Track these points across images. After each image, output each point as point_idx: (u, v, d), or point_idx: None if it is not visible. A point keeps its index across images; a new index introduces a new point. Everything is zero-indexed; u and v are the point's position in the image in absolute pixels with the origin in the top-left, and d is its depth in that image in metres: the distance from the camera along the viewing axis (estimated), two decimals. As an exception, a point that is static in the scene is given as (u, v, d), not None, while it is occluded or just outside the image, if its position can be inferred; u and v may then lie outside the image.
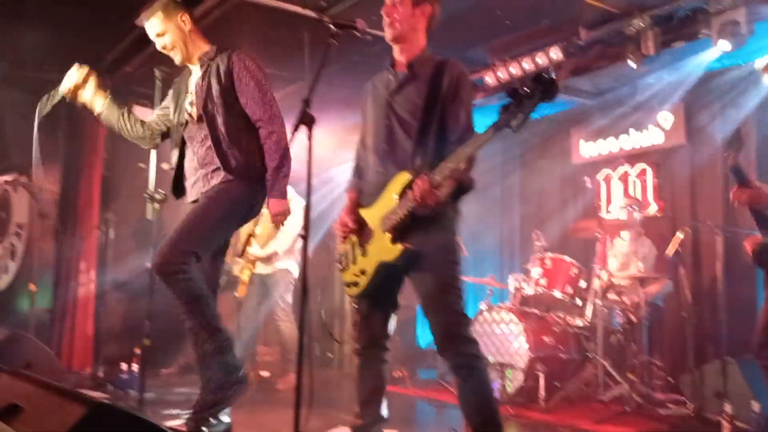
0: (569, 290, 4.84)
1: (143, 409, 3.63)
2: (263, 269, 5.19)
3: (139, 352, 4.59)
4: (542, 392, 4.32)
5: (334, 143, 6.60)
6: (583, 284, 4.90)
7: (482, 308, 4.89)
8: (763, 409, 3.58)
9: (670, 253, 4.39)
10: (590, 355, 4.59)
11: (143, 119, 3.14)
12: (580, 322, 4.73)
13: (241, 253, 2.26)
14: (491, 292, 5.37)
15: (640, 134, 5.89)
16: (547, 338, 4.55)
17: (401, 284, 2.58)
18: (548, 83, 2.10)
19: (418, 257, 2.39)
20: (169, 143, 3.09)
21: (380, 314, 2.58)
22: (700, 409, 4.02)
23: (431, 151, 2.42)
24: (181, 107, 2.98)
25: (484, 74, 5.34)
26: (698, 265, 5.25)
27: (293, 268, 5.28)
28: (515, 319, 4.56)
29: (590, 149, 6.27)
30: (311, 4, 4.35)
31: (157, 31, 2.92)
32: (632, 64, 4.51)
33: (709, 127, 5.39)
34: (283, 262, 5.20)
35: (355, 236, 2.57)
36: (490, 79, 5.29)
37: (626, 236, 5.16)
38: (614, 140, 6.07)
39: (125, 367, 4.58)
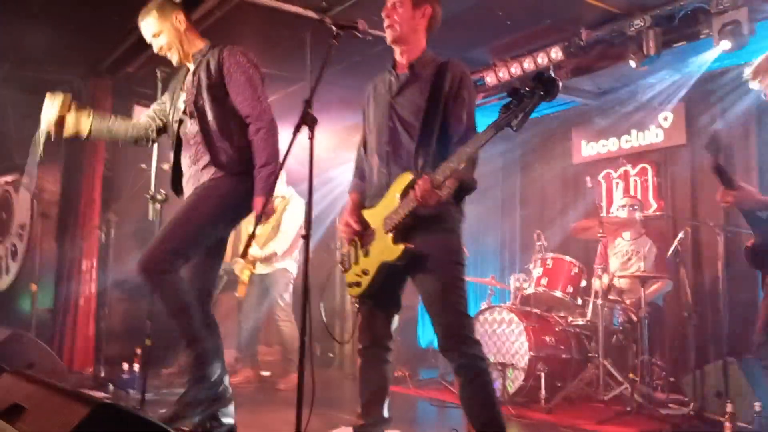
0: (570, 290, 4.83)
1: (144, 409, 3.64)
2: (262, 269, 5.21)
3: (140, 351, 4.60)
4: (543, 392, 4.32)
5: (334, 143, 6.61)
6: (584, 284, 4.90)
7: (483, 308, 4.89)
8: (764, 408, 3.58)
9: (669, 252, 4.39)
10: (591, 354, 4.58)
11: (135, 119, 3.11)
12: (581, 321, 4.73)
13: (242, 253, 2.24)
14: (492, 292, 5.38)
15: (641, 134, 5.89)
16: (548, 338, 4.55)
17: (404, 285, 2.58)
18: (548, 82, 2.10)
19: (421, 258, 2.39)
20: (170, 144, 3.06)
21: (382, 314, 2.58)
22: (701, 408, 4.03)
23: (433, 151, 2.42)
24: (175, 105, 2.96)
25: (485, 74, 5.34)
26: (699, 264, 5.25)
27: (292, 267, 5.29)
28: (516, 319, 4.56)
29: (591, 149, 6.27)
30: (312, 4, 4.36)
31: (152, 31, 2.90)
32: (633, 64, 4.51)
33: (709, 127, 5.38)
34: (282, 262, 5.22)
35: (357, 237, 2.57)
36: (490, 79, 5.29)
37: (627, 236, 5.16)
38: (615, 140, 6.07)
39: (126, 367, 4.58)
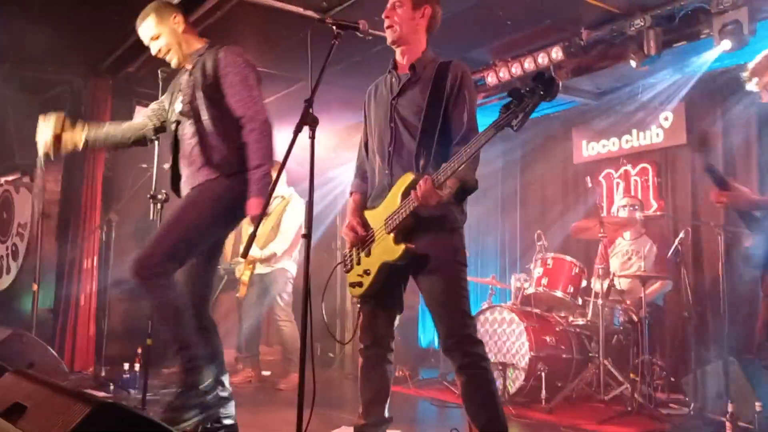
0: (571, 290, 4.83)
1: (145, 408, 3.65)
2: (261, 269, 5.23)
3: (140, 351, 4.61)
4: (544, 392, 4.32)
5: (334, 143, 6.61)
6: (584, 284, 4.90)
7: (484, 308, 4.89)
8: (765, 408, 3.57)
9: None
10: (592, 354, 4.59)
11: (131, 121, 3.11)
12: (581, 321, 4.73)
13: (244, 253, 2.23)
14: (493, 291, 5.38)
15: (641, 134, 5.89)
16: (548, 338, 4.55)
17: (405, 285, 2.58)
18: (548, 82, 2.10)
19: (423, 258, 2.40)
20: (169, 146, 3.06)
21: (384, 314, 2.58)
22: (702, 408, 4.02)
23: (435, 151, 2.42)
24: (173, 105, 2.95)
25: (485, 74, 5.35)
26: (699, 264, 5.25)
27: (291, 267, 5.30)
28: (517, 318, 4.56)
29: (592, 149, 6.27)
30: (313, 4, 4.36)
31: (150, 34, 2.89)
32: (633, 64, 4.51)
33: (710, 127, 5.39)
34: (281, 262, 5.23)
35: (360, 238, 2.57)
36: (491, 78, 5.30)
37: (627, 236, 5.16)
38: (616, 140, 6.07)
39: (127, 366, 4.59)
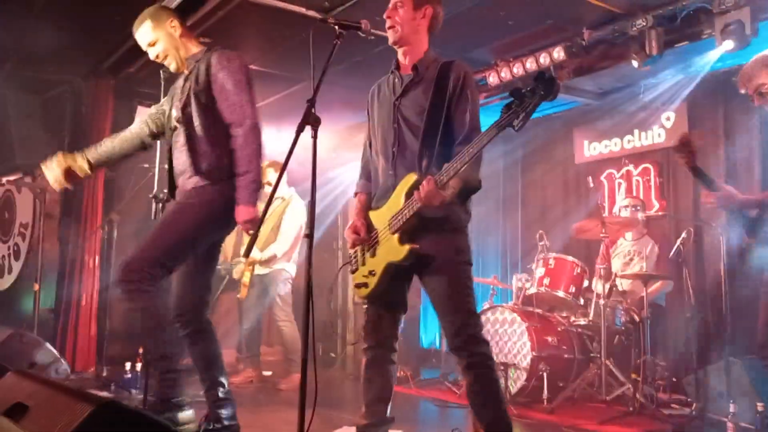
0: (572, 290, 4.83)
1: (147, 409, 3.64)
2: (260, 270, 5.25)
3: (142, 351, 4.60)
4: (545, 392, 4.31)
5: (334, 143, 6.61)
6: (586, 284, 4.90)
7: (486, 308, 4.89)
8: (767, 408, 3.57)
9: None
10: (593, 355, 4.58)
11: (128, 128, 3.10)
12: (583, 322, 4.72)
13: (245, 252, 2.24)
14: (494, 292, 5.38)
15: (643, 134, 5.89)
16: (550, 338, 4.54)
17: (409, 285, 2.59)
18: (549, 82, 2.11)
19: (428, 258, 2.40)
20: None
21: (389, 315, 2.59)
22: (703, 409, 4.01)
23: (438, 151, 2.43)
24: (170, 112, 2.95)
25: (487, 74, 5.34)
26: (701, 265, 5.25)
27: (290, 268, 5.32)
28: (518, 319, 4.55)
29: (593, 149, 6.27)
30: (315, 4, 4.36)
31: (148, 40, 2.89)
32: (635, 64, 4.50)
33: (712, 127, 5.38)
34: (280, 263, 5.24)
35: (364, 239, 2.57)
36: (493, 79, 5.30)
37: (629, 236, 5.16)
38: (617, 140, 6.07)
39: (129, 367, 4.58)
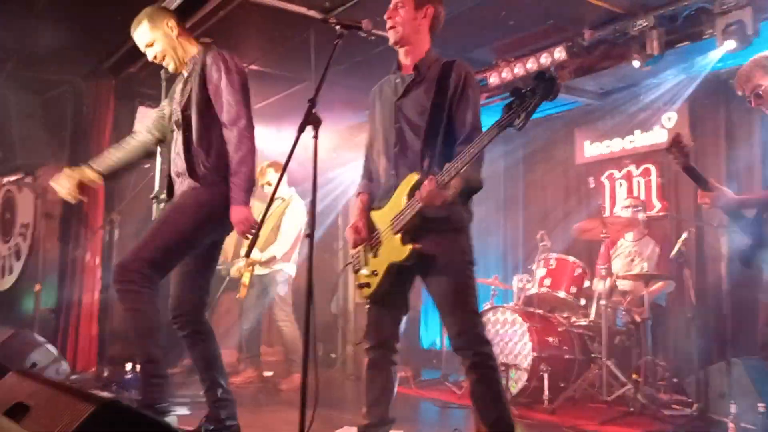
0: (573, 291, 4.82)
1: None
2: (260, 270, 5.25)
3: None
4: (546, 393, 4.31)
5: (335, 143, 6.61)
6: (587, 285, 4.89)
7: (486, 308, 4.88)
8: (768, 409, 3.57)
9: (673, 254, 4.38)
10: (594, 355, 4.58)
11: (132, 135, 3.10)
12: (584, 322, 4.72)
13: (247, 252, 2.24)
14: (495, 292, 5.37)
15: (644, 135, 5.88)
16: (551, 339, 4.54)
17: (411, 286, 2.59)
18: (549, 81, 2.11)
19: (431, 258, 2.40)
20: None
21: (391, 316, 2.59)
22: (704, 409, 4.01)
23: (440, 151, 2.43)
24: (170, 115, 2.96)
25: (488, 74, 5.34)
26: (702, 265, 5.24)
27: (289, 268, 5.32)
28: (519, 319, 4.55)
29: (594, 149, 6.26)
30: (316, 4, 4.36)
31: (145, 41, 2.89)
32: (636, 64, 4.50)
33: (713, 127, 5.38)
34: (279, 264, 5.24)
35: (366, 240, 2.57)
36: (494, 79, 5.29)
37: (630, 237, 5.15)
38: (618, 140, 6.07)
39: (130, 367, 4.58)
